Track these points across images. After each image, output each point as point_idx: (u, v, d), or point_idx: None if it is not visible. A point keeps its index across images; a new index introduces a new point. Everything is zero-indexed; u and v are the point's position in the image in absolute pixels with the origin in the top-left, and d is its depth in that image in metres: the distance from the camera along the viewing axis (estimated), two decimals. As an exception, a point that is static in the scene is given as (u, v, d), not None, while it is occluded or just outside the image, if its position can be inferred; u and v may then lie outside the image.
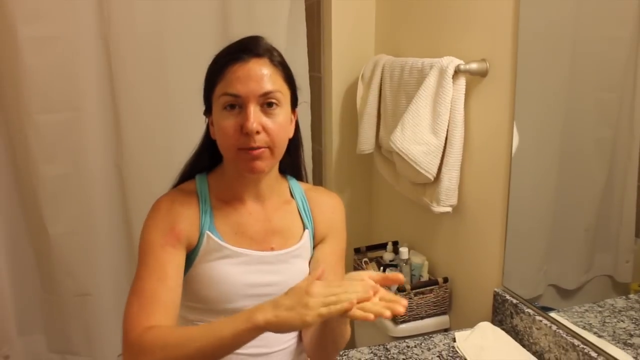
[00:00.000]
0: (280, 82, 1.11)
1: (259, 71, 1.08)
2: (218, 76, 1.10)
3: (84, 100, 2.17)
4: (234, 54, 1.10)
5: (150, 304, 1.04)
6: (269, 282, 1.15)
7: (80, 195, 2.24)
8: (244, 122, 1.05)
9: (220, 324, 0.96)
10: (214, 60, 1.14)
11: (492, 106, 1.77)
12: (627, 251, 1.53)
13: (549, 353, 1.57)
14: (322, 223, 1.22)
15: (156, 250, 1.09)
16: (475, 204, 1.89)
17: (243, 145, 1.06)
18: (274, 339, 1.18)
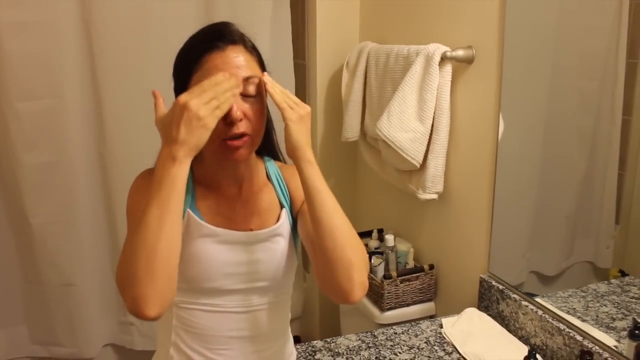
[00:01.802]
0: (256, 68, 1.10)
1: (236, 58, 1.07)
2: (194, 65, 1.07)
3: (66, 87, 2.14)
4: (209, 42, 1.07)
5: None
6: (248, 261, 1.14)
7: (63, 184, 2.21)
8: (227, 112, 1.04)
9: (151, 189, 0.97)
10: (186, 48, 1.11)
11: (478, 93, 1.78)
12: (608, 237, 1.55)
13: (535, 337, 1.59)
14: (298, 190, 1.21)
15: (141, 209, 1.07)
16: (461, 190, 1.90)
17: (227, 134, 1.05)
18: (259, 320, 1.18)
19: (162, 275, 0.94)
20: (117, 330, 2.48)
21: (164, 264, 0.95)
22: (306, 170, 1.04)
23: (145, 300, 0.93)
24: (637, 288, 1.47)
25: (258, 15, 2.29)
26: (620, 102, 1.45)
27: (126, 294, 0.95)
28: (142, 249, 0.93)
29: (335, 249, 1.03)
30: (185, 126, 0.95)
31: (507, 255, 1.79)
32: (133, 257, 0.94)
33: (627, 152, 1.44)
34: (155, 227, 0.94)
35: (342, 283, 1.04)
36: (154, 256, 0.93)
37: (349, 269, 1.03)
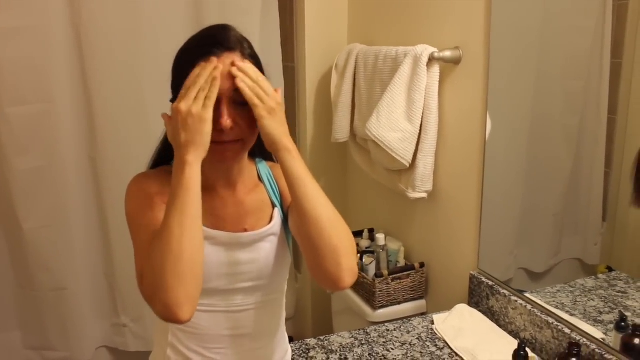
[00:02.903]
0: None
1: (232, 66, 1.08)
2: (189, 70, 1.06)
3: (56, 92, 2.14)
4: (206, 48, 1.08)
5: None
6: (243, 262, 1.15)
7: (54, 188, 2.22)
8: (217, 119, 1.04)
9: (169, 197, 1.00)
10: (183, 51, 1.12)
11: (465, 93, 1.80)
12: (595, 234, 1.58)
13: (525, 331, 1.62)
14: (287, 193, 1.23)
15: (146, 212, 1.08)
16: (450, 189, 1.92)
17: (216, 139, 1.06)
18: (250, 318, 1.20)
19: (190, 278, 0.97)
20: (111, 333, 2.48)
21: (190, 267, 0.97)
22: (285, 159, 1.04)
23: (178, 305, 0.95)
24: (623, 282, 1.50)
25: (247, 18, 2.31)
26: (606, 101, 1.47)
27: (156, 302, 0.96)
28: (167, 255, 0.96)
29: (322, 236, 1.03)
30: (183, 129, 0.99)
31: (496, 253, 1.81)
32: (159, 264, 0.96)
33: (612, 151, 1.46)
34: (178, 233, 0.96)
35: (330, 270, 1.04)
36: (181, 261, 0.96)
37: (335, 256, 1.04)
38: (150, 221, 1.06)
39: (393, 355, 1.60)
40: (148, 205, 1.09)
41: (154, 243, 0.99)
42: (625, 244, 1.50)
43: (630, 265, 1.49)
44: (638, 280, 1.46)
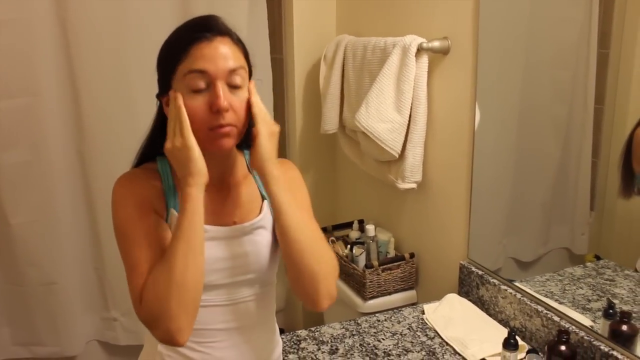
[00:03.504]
0: (242, 60, 1.11)
1: (224, 49, 1.08)
2: (181, 54, 1.07)
3: (43, 85, 2.12)
4: (198, 33, 1.08)
5: (147, 271, 1.04)
6: (234, 255, 1.15)
7: (42, 182, 2.20)
8: (214, 100, 1.05)
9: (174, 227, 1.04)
10: (172, 39, 1.12)
11: (454, 83, 1.81)
12: (583, 224, 1.59)
13: (514, 320, 1.63)
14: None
15: (134, 223, 1.08)
16: (440, 179, 1.93)
17: (213, 124, 1.06)
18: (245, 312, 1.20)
19: (192, 306, 1.02)
20: (101, 326, 2.47)
21: (193, 296, 1.02)
22: (273, 186, 1.08)
23: (179, 331, 1.00)
24: (611, 270, 1.51)
25: (235, 9, 2.29)
26: (593, 91, 1.48)
27: (160, 328, 1.00)
28: (172, 285, 0.99)
29: (302, 262, 1.09)
30: (177, 165, 1.05)
31: (486, 242, 1.82)
32: (164, 294, 0.99)
33: (600, 141, 1.48)
34: (182, 264, 1.00)
35: (308, 293, 1.10)
36: (185, 290, 1.00)
37: (314, 281, 1.09)
38: (143, 235, 1.07)
39: (384, 346, 1.61)
40: (138, 216, 1.09)
41: (158, 271, 1.02)
42: (613, 233, 1.51)
43: (617, 254, 1.50)
44: (626, 269, 1.47)
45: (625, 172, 1.39)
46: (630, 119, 1.40)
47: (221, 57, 1.06)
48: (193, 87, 1.06)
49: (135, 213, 1.08)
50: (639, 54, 1.37)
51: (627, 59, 1.39)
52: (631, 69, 1.39)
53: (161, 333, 1.01)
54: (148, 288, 1.02)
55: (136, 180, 1.13)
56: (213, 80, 1.06)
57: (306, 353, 1.58)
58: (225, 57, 1.07)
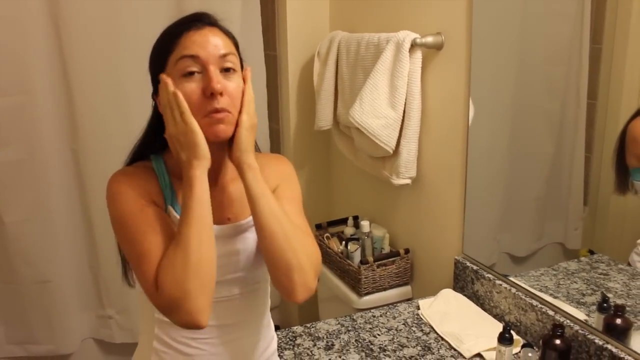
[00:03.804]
0: (233, 48, 1.12)
1: (214, 36, 1.09)
2: (172, 45, 1.08)
3: (36, 83, 2.11)
4: (186, 24, 1.10)
5: (157, 258, 1.04)
6: (228, 253, 1.15)
7: (36, 181, 2.19)
8: (207, 84, 1.05)
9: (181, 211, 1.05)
10: (162, 35, 1.12)
11: (448, 79, 1.81)
12: (576, 219, 1.59)
13: (509, 314, 1.64)
14: (270, 180, 1.22)
15: (136, 214, 1.07)
16: (434, 175, 1.93)
17: (207, 109, 1.06)
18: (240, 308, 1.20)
19: (210, 285, 1.04)
20: (96, 324, 2.47)
21: (210, 275, 1.03)
22: (248, 175, 1.09)
23: (201, 312, 1.01)
24: (605, 265, 1.52)
25: (228, 7, 2.29)
26: (585, 86, 1.49)
27: (181, 311, 1.00)
28: (189, 266, 1.00)
29: (275, 253, 1.08)
30: (181, 149, 1.05)
31: (481, 238, 1.82)
32: (181, 275, 1.00)
33: (593, 136, 1.48)
34: (197, 244, 1.01)
35: (283, 283, 1.10)
36: (201, 270, 1.01)
37: (288, 271, 1.08)
38: (147, 224, 1.06)
39: (379, 341, 1.61)
40: (139, 206, 1.08)
41: (172, 255, 1.02)
42: (606, 228, 1.52)
43: (611, 248, 1.51)
44: (619, 263, 1.48)
45: (619, 167, 1.39)
46: (622, 114, 1.40)
47: (211, 43, 1.07)
48: (186, 73, 1.06)
49: (135, 204, 1.08)
50: (631, 48, 1.37)
51: (619, 54, 1.39)
52: (623, 64, 1.39)
53: (183, 316, 1.00)
54: (165, 273, 1.01)
55: (132, 176, 1.13)
56: (205, 64, 1.06)
57: (302, 349, 1.58)
58: (215, 44, 1.08)
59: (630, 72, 1.38)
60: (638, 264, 1.41)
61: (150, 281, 1.03)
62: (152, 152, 1.19)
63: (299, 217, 1.19)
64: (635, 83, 1.37)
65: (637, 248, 1.41)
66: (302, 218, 1.20)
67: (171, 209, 1.13)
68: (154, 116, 1.19)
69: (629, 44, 1.38)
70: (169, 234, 1.07)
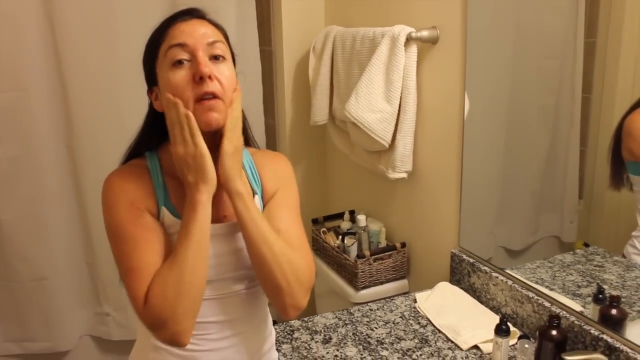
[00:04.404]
0: (222, 38, 1.13)
1: (202, 27, 1.10)
2: (161, 37, 1.09)
3: (31, 79, 2.11)
4: (175, 17, 1.11)
5: (147, 274, 1.04)
6: (226, 252, 1.15)
7: (31, 177, 2.19)
8: (196, 69, 1.05)
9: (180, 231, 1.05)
10: (152, 32, 1.13)
11: (443, 72, 1.81)
12: (572, 212, 1.60)
13: (506, 307, 1.65)
14: (270, 182, 1.23)
15: (128, 225, 1.08)
16: (430, 169, 1.94)
17: (197, 94, 1.06)
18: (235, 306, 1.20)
19: (197, 309, 1.05)
20: (94, 321, 2.47)
21: (199, 299, 1.05)
22: (236, 203, 1.09)
23: (185, 333, 1.04)
24: (600, 257, 1.53)
25: (223, 2, 2.28)
26: (580, 80, 1.49)
27: (166, 331, 1.03)
28: (181, 290, 1.02)
29: (265, 277, 1.11)
30: (189, 170, 1.06)
31: (477, 231, 1.83)
32: (173, 299, 1.02)
33: (588, 129, 1.49)
34: (191, 270, 1.03)
35: (274, 303, 1.14)
36: (193, 296, 1.04)
37: (279, 295, 1.11)
38: (139, 238, 1.07)
39: (377, 334, 1.62)
40: (131, 218, 1.08)
41: (165, 276, 1.03)
42: (601, 221, 1.53)
43: (606, 240, 1.52)
44: (614, 255, 1.49)
45: (615, 161, 1.40)
46: (617, 108, 1.41)
47: (199, 32, 1.08)
48: (175, 61, 1.07)
49: (128, 215, 1.08)
50: (626, 42, 1.38)
51: (613, 48, 1.40)
52: (618, 57, 1.40)
53: (167, 336, 1.03)
54: (154, 293, 1.02)
55: (125, 179, 1.12)
56: (194, 51, 1.07)
57: (300, 343, 1.58)
58: (203, 32, 1.09)
59: (625, 66, 1.38)
60: (633, 256, 1.42)
61: (138, 297, 1.04)
62: (148, 149, 1.19)
63: (294, 224, 1.20)
64: (629, 77, 1.38)
65: (632, 240, 1.41)
66: (297, 225, 1.21)
67: (164, 209, 1.12)
68: (150, 114, 1.20)
69: (623, 37, 1.38)
70: (161, 249, 1.07)
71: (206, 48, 1.08)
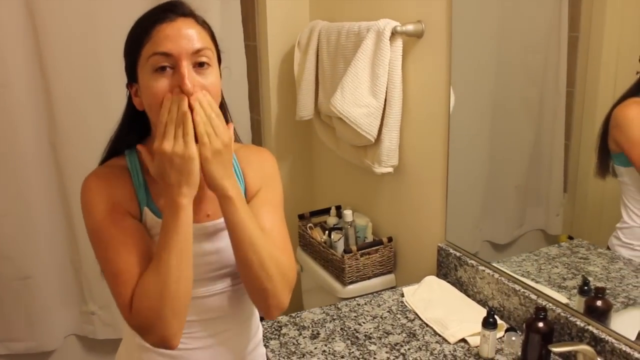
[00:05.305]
0: (208, 41, 1.09)
1: (187, 29, 1.05)
2: (143, 38, 1.04)
3: (12, 75, 2.07)
4: (159, 14, 1.06)
5: (132, 278, 1.03)
6: (210, 251, 1.14)
7: (14, 175, 2.16)
8: (178, 83, 1.02)
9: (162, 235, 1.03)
10: (135, 24, 1.09)
11: (428, 67, 1.81)
12: (557, 205, 1.62)
13: (493, 300, 1.65)
14: (253, 179, 1.21)
15: (109, 229, 1.06)
16: (416, 163, 1.94)
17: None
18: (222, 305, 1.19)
19: (185, 311, 1.04)
20: (79, 320, 2.45)
21: (185, 302, 1.04)
22: (224, 206, 1.07)
23: (174, 337, 1.03)
24: (585, 249, 1.54)
25: (207, -4, 2.27)
26: (564, 74, 1.50)
27: (154, 335, 1.02)
28: (166, 294, 1.01)
29: (250, 280, 1.10)
30: (172, 170, 1.01)
31: (463, 225, 1.84)
32: (157, 303, 1.01)
33: (571, 123, 1.50)
34: (176, 273, 1.01)
35: (257, 304, 1.15)
36: (178, 298, 1.02)
37: (262, 296, 1.11)
38: (122, 241, 1.05)
39: (365, 329, 1.62)
40: (112, 221, 1.07)
41: (149, 282, 1.02)
42: (586, 214, 1.54)
43: (589, 233, 1.53)
44: (599, 247, 1.50)
45: (602, 151, 1.41)
46: (600, 101, 1.42)
47: (184, 37, 1.04)
48: (157, 67, 1.04)
49: (108, 218, 1.06)
50: (607, 36, 1.39)
51: (596, 42, 1.41)
52: (600, 51, 1.41)
53: (156, 339, 1.02)
54: (140, 299, 1.01)
55: (105, 182, 1.10)
56: (177, 61, 1.03)
57: (287, 338, 1.58)
58: (189, 37, 1.04)
59: (607, 60, 1.40)
60: (617, 248, 1.43)
61: (124, 302, 1.03)
62: (128, 146, 1.17)
63: (278, 224, 1.19)
64: (611, 70, 1.39)
65: (616, 232, 1.43)
66: (281, 224, 1.20)
67: (147, 210, 1.11)
68: (128, 108, 1.17)
69: (605, 31, 1.39)
70: (144, 251, 1.06)
71: (190, 56, 1.04)
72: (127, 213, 1.09)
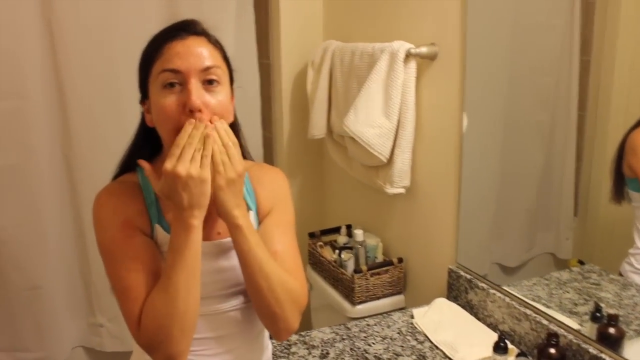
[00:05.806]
0: (219, 59, 1.10)
1: (198, 47, 1.06)
2: (155, 55, 1.07)
3: (29, 87, 2.09)
4: (172, 32, 1.08)
5: (140, 295, 1.04)
6: (220, 269, 1.15)
7: (28, 186, 2.17)
8: (186, 100, 1.03)
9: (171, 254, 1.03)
10: (149, 42, 1.11)
11: (442, 89, 1.82)
12: (567, 229, 1.61)
13: (503, 324, 1.65)
14: (266, 199, 1.22)
15: (120, 246, 1.07)
16: (428, 184, 1.94)
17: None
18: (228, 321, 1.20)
19: (193, 329, 1.05)
20: (87, 332, 2.45)
21: (194, 321, 1.05)
22: (234, 234, 1.08)
23: (182, 354, 1.04)
24: (596, 275, 1.53)
25: (222, 14, 2.29)
26: (575, 98, 1.51)
27: (161, 352, 1.03)
28: (174, 312, 1.01)
29: (260, 306, 1.12)
30: (185, 192, 1.00)
31: (473, 247, 1.83)
32: (166, 321, 1.01)
33: (583, 147, 1.50)
34: (185, 293, 1.02)
35: (267, 326, 1.16)
36: (186, 317, 1.03)
37: (272, 319, 1.13)
38: (132, 258, 1.07)
39: (374, 350, 1.62)
40: (124, 238, 1.08)
41: (158, 300, 1.02)
42: (596, 238, 1.54)
43: (601, 258, 1.53)
44: (611, 273, 1.49)
45: (617, 176, 1.41)
46: (611, 125, 1.42)
47: (194, 55, 1.05)
48: (166, 83, 1.05)
49: (120, 235, 1.07)
50: (619, 61, 1.39)
51: (607, 66, 1.41)
52: (612, 75, 1.41)
53: (162, 357, 1.03)
54: (148, 316, 1.02)
55: (117, 198, 1.11)
56: (186, 78, 1.04)
57: (297, 357, 1.58)
58: (198, 55, 1.05)
59: (619, 84, 1.40)
60: (630, 274, 1.43)
61: (133, 319, 1.04)
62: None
63: (290, 246, 1.20)
64: (623, 95, 1.39)
65: (628, 258, 1.42)
66: (293, 247, 1.21)
67: (158, 227, 1.12)
68: (142, 125, 1.18)
69: (617, 55, 1.40)
70: (154, 269, 1.07)
71: (199, 74, 1.05)
72: (138, 230, 1.10)
